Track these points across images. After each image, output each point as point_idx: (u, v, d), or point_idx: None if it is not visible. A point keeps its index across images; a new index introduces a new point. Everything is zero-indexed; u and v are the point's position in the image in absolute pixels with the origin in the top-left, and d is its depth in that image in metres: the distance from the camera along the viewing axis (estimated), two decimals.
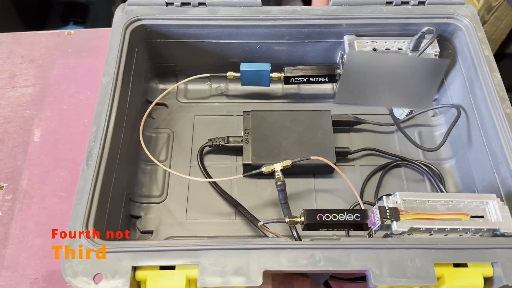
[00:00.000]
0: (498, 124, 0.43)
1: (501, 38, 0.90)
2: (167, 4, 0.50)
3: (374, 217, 0.37)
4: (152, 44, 0.52)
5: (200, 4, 0.50)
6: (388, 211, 0.37)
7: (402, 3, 0.51)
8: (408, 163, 0.51)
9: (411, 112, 0.54)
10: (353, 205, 0.48)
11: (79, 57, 0.63)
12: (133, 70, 0.49)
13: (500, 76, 0.46)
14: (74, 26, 1.05)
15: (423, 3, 0.51)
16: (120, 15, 0.50)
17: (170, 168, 0.51)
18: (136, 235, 0.47)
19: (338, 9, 0.51)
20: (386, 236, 0.39)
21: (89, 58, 0.62)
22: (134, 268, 0.35)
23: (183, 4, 0.51)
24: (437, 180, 0.50)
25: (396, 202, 0.38)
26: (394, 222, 0.37)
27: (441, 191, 0.49)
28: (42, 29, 1.04)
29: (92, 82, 0.60)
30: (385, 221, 0.37)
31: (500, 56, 0.48)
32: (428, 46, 0.48)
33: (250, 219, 0.47)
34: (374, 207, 0.38)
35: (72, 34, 0.65)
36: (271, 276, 0.46)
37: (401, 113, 0.54)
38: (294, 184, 0.50)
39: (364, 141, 0.54)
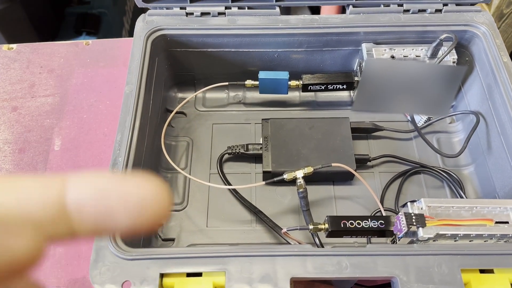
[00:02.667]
0: None
1: None
2: (187, 14, 0.51)
3: (400, 223, 0.37)
4: (172, 53, 0.53)
5: (219, 14, 0.51)
6: (414, 217, 0.37)
7: (419, 11, 0.52)
8: (427, 169, 0.51)
9: (429, 119, 0.54)
10: (374, 211, 0.49)
11: (97, 67, 0.64)
12: (154, 79, 0.50)
13: None
14: (87, 37, 1.06)
15: (440, 11, 0.52)
16: (142, 25, 0.50)
17: (190, 174, 0.51)
18: (158, 243, 0.48)
19: (356, 17, 0.52)
20: (411, 242, 0.39)
21: (107, 68, 0.63)
22: (162, 275, 0.35)
23: (203, 14, 0.51)
24: (457, 187, 0.50)
25: (421, 209, 0.38)
26: (420, 228, 0.37)
27: (461, 197, 0.49)
28: (55, 40, 1.05)
29: (111, 91, 0.61)
30: (411, 227, 0.37)
31: None
32: (448, 54, 0.48)
33: (271, 226, 0.47)
34: (400, 213, 0.38)
35: (90, 44, 0.66)
36: (293, 284, 0.46)
37: (419, 120, 0.54)
38: (313, 191, 0.50)
39: (382, 148, 0.54)
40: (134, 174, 0.12)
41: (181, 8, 0.51)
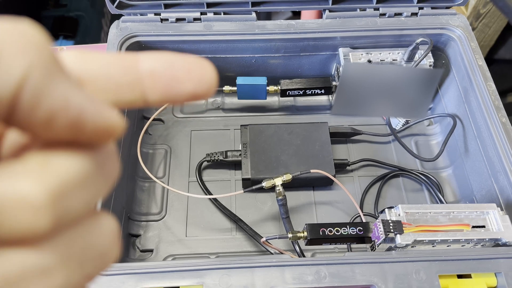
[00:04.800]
0: (495, 133, 0.44)
1: (489, 44, 0.92)
2: (162, 20, 0.50)
3: (378, 230, 0.37)
4: None
5: (195, 19, 0.50)
6: (391, 224, 0.37)
7: (395, 14, 0.52)
8: (406, 173, 0.52)
9: (407, 122, 0.54)
10: (354, 217, 0.48)
11: None
12: None
13: (494, 85, 0.47)
14: (64, 41, 1.04)
15: (416, 14, 0.52)
16: (115, 32, 0.49)
17: (168, 184, 0.51)
18: (136, 254, 0.47)
19: (332, 22, 0.52)
20: (389, 249, 0.39)
21: None
22: None
23: (178, 20, 0.50)
24: (435, 189, 0.50)
25: (399, 215, 0.38)
26: (398, 235, 0.37)
27: (440, 200, 0.49)
28: None
29: None
30: (389, 234, 0.37)
31: (489, 61, 0.49)
32: (424, 57, 0.48)
33: (251, 234, 0.46)
34: (377, 220, 0.38)
35: (64, 50, 0.65)
36: None
37: (397, 123, 0.55)
38: (293, 197, 0.50)
39: (361, 152, 0.54)
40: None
41: (155, 14, 0.50)
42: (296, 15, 1.10)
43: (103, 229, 0.13)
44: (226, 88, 0.53)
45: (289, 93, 0.53)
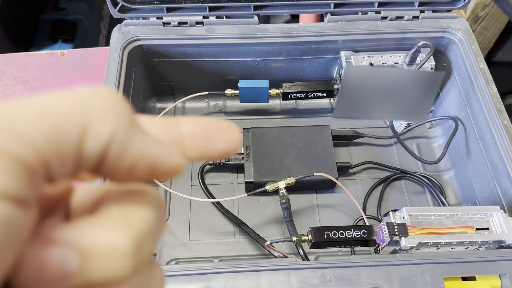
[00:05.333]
0: (497, 136, 0.44)
1: (488, 46, 0.92)
2: (164, 24, 0.50)
3: (383, 233, 0.37)
4: (150, 63, 0.52)
5: (197, 23, 0.51)
6: (396, 227, 0.37)
7: (397, 18, 0.52)
8: (408, 175, 0.52)
9: (408, 124, 0.54)
10: (357, 219, 0.49)
11: (73, 77, 0.62)
12: (132, 90, 0.49)
13: (496, 88, 0.47)
14: (63, 44, 1.04)
15: (417, 17, 0.52)
16: (117, 36, 0.49)
17: (171, 188, 0.51)
18: None
19: (334, 26, 0.52)
20: (394, 252, 0.39)
21: (83, 78, 0.62)
22: None
23: (180, 23, 0.51)
24: (438, 192, 0.50)
25: (403, 218, 0.38)
26: (403, 238, 0.37)
27: (442, 203, 0.49)
28: (30, 47, 1.03)
29: None
30: (394, 237, 0.37)
31: (487, 64, 0.50)
32: (426, 61, 0.48)
33: (254, 237, 0.46)
34: (382, 223, 0.38)
35: (66, 54, 0.65)
36: None
37: (399, 125, 0.55)
38: (296, 200, 0.50)
39: (364, 154, 0.54)
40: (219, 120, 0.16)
41: (158, 18, 0.50)
42: (295, 17, 1.10)
43: (157, 275, 0.15)
44: (228, 91, 0.53)
45: (291, 96, 0.54)
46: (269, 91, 0.53)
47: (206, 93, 0.54)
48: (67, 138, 0.12)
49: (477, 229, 0.39)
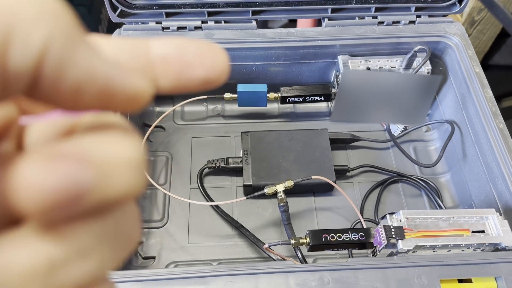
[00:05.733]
0: (493, 139, 0.44)
1: (484, 50, 0.93)
2: (163, 28, 0.51)
3: (380, 236, 0.38)
4: None
5: (196, 28, 0.51)
6: (393, 230, 0.37)
7: (393, 22, 0.53)
8: (405, 178, 0.52)
9: (405, 128, 0.55)
10: (354, 222, 0.49)
11: None
12: None
13: (491, 92, 0.48)
14: None
15: (414, 22, 0.53)
16: None
17: (170, 191, 0.51)
18: (138, 262, 0.47)
19: (331, 30, 0.52)
20: (391, 254, 0.39)
21: None
22: None
23: (179, 28, 0.51)
24: (434, 195, 0.51)
25: (400, 221, 0.39)
26: (400, 240, 0.37)
27: (439, 206, 0.50)
28: None
29: None
30: (391, 240, 0.37)
31: (483, 67, 0.50)
32: (422, 65, 0.49)
33: (253, 241, 0.47)
34: (379, 226, 0.38)
35: None
36: None
37: (396, 129, 0.55)
38: (294, 203, 0.50)
39: (361, 158, 0.54)
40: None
41: (157, 22, 0.51)
42: (292, 22, 1.11)
43: (129, 212, 0.13)
44: (227, 95, 0.53)
45: (289, 100, 0.54)
46: (267, 95, 0.53)
47: (205, 97, 0.54)
48: None
49: (473, 231, 0.39)
